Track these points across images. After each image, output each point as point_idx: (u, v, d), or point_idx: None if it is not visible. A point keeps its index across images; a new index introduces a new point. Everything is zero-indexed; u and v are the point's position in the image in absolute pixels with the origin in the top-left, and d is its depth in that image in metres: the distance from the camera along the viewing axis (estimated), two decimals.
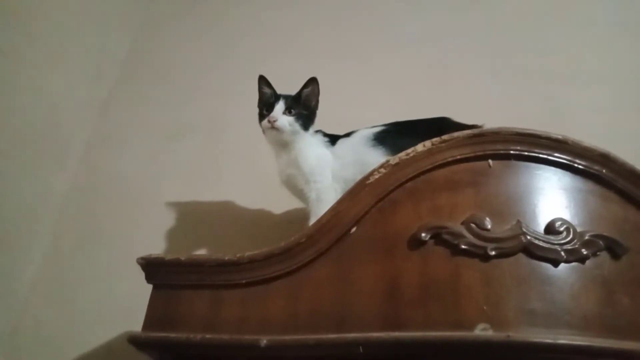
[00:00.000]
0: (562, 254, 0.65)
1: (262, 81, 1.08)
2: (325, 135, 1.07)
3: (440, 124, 0.94)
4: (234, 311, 0.72)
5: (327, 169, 1.00)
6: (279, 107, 1.02)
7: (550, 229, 0.67)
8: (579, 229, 0.67)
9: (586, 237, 0.66)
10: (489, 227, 0.67)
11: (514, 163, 0.73)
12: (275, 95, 1.06)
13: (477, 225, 0.68)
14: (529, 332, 0.61)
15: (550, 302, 0.62)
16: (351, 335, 0.65)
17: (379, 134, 0.99)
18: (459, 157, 0.73)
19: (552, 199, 0.70)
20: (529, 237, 0.66)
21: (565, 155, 0.72)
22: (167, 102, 1.62)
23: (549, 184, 0.71)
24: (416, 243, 0.69)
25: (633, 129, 1.22)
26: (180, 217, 1.35)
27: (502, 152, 0.73)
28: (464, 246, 0.67)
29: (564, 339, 0.60)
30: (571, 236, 0.66)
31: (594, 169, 0.71)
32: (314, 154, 1.02)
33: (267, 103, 1.05)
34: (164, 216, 1.35)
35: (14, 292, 1.29)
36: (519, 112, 1.28)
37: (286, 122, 1.01)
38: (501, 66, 1.44)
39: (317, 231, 0.73)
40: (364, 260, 0.71)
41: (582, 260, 0.65)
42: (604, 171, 0.71)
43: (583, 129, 0.87)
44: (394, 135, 0.97)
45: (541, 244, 0.65)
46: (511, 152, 0.73)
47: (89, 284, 1.29)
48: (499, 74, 1.42)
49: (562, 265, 0.65)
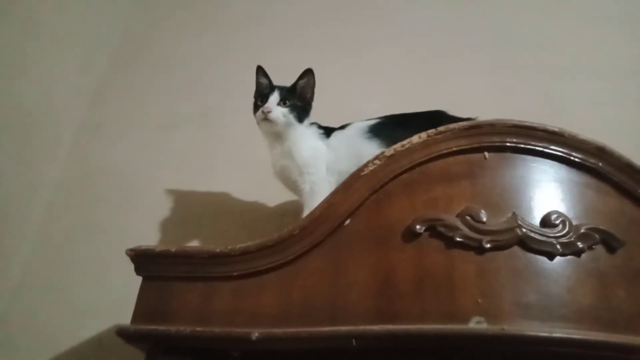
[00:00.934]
0: (558, 247, 0.64)
1: (260, 72, 1.07)
2: (320, 128, 1.06)
3: (435, 117, 0.92)
4: (225, 304, 0.71)
5: (321, 161, 0.99)
6: (273, 98, 1.01)
7: (546, 221, 0.66)
8: (574, 222, 0.66)
9: (582, 230, 0.65)
10: (485, 219, 0.67)
11: (510, 155, 0.72)
12: (271, 86, 1.05)
13: (472, 217, 0.67)
14: (524, 325, 0.60)
15: (545, 295, 0.62)
16: (344, 328, 0.64)
17: (374, 127, 0.98)
18: (454, 149, 0.73)
19: (548, 191, 0.70)
20: (524, 230, 0.65)
21: (562, 148, 0.71)
22: (160, 91, 1.61)
23: (545, 176, 0.71)
24: (411, 235, 0.68)
25: (630, 123, 1.22)
26: (173, 208, 1.34)
27: (498, 144, 0.72)
28: (459, 239, 0.66)
29: (559, 332, 0.59)
30: (567, 229, 0.65)
31: (590, 162, 0.70)
32: (308, 145, 1.01)
33: (262, 94, 1.04)
34: (156, 207, 1.34)
35: (3, 283, 1.28)
36: (515, 106, 1.27)
37: (280, 114, 1.00)
38: (497, 59, 1.43)
39: (310, 223, 0.72)
40: (357, 253, 0.70)
41: (577, 253, 0.64)
42: (600, 164, 0.70)
43: (580, 122, 0.86)
44: (389, 128, 0.97)
45: (537, 236, 0.65)
46: (507, 144, 0.72)
47: (79, 275, 1.28)
48: (496, 68, 1.41)
49: (558, 259, 0.64)
